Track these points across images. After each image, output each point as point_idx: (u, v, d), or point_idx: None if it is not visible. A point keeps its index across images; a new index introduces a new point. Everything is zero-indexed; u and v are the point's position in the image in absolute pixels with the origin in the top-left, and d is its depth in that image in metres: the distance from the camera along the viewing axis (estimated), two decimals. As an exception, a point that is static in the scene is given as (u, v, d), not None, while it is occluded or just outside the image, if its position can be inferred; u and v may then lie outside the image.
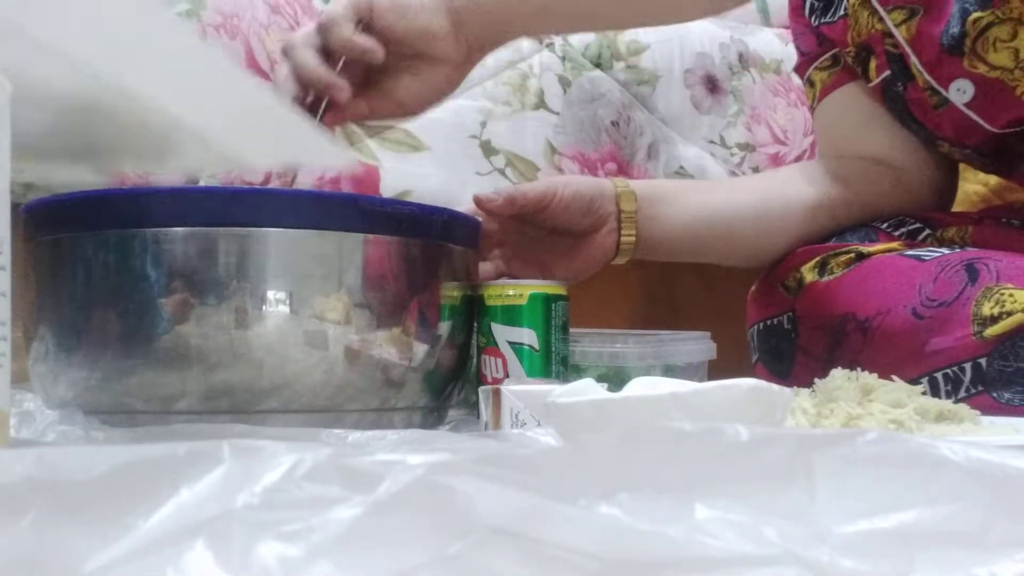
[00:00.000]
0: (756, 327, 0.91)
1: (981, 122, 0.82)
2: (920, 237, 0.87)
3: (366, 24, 0.76)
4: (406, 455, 0.26)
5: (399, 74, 0.80)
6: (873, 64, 0.89)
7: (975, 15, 0.79)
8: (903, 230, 0.88)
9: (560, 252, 0.86)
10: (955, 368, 0.73)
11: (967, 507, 0.26)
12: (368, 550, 0.23)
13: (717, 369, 0.86)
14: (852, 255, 0.83)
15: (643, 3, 0.83)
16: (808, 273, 0.85)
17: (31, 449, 0.23)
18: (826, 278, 0.84)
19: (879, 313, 0.78)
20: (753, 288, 0.93)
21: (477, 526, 0.24)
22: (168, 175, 0.83)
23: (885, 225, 0.89)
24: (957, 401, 0.61)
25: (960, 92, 0.82)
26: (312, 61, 0.75)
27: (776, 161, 1.24)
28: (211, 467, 0.24)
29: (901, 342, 0.76)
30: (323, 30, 0.76)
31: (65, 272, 0.62)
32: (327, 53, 0.76)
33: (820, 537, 0.25)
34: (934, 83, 0.83)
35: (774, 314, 0.88)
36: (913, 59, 0.84)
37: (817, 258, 0.85)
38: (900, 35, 0.83)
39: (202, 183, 0.80)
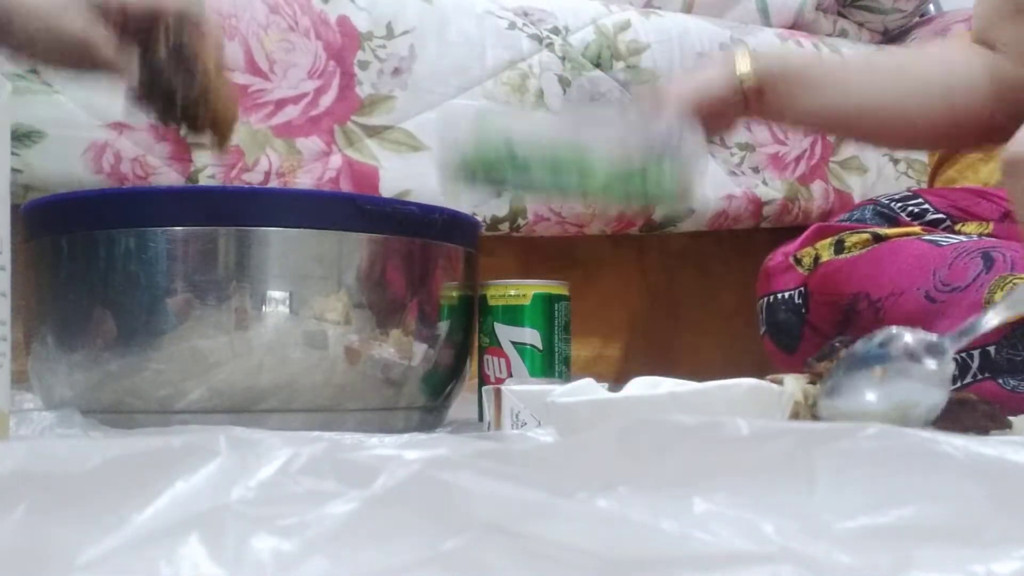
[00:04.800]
0: (766, 299, 0.90)
1: None
2: (940, 228, 0.87)
3: None
4: (402, 450, 0.26)
5: None
6: None
7: None
8: (924, 220, 0.88)
9: None
10: (963, 354, 0.72)
11: (966, 503, 0.26)
12: (363, 545, 0.23)
13: (717, 369, 0.86)
14: (869, 236, 0.83)
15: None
16: (824, 251, 0.85)
17: (23, 442, 0.23)
18: (842, 256, 0.84)
19: (892, 294, 0.78)
20: (767, 260, 0.93)
21: (473, 521, 0.24)
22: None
23: (905, 212, 0.89)
24: (963, 387, 0.61)
25: None
26: None
27: (776, 161, 1.23)
28: (206, 460, 0.24)
29: (912, 324, 0.76)
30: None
31: (65, 272, 0.62)
32: None
33: (818, 532, 0.25)
34: None
35: (785, 288, 0.88)
36: None
37: (834, 237, 0.85)
38: None
39: (202, 183, 0.80)
